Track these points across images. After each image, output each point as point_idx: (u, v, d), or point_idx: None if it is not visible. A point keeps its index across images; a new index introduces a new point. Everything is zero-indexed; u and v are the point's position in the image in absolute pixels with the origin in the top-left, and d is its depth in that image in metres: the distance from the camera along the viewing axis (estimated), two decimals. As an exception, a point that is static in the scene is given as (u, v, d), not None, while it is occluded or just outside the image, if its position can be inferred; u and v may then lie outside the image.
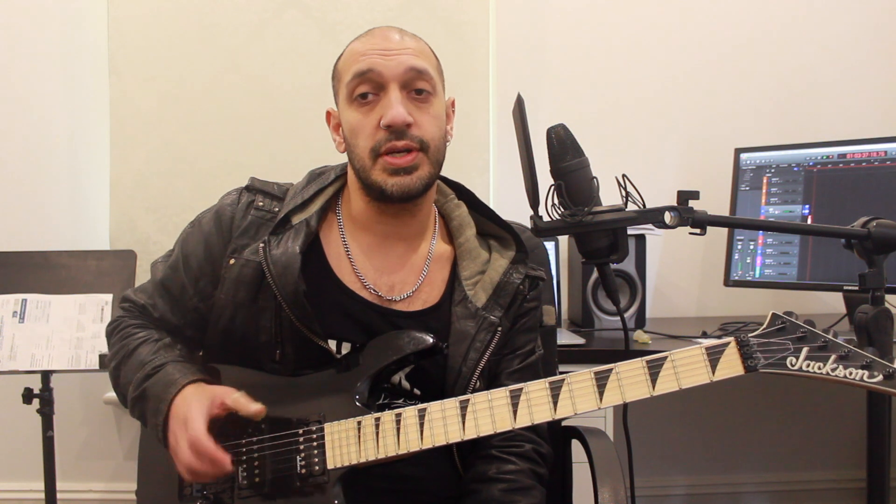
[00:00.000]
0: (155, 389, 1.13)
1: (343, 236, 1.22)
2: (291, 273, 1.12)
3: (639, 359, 1.00)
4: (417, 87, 1.14)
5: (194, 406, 1.08)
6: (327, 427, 1.09)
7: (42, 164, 2.48)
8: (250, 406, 1.08)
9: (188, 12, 2.41)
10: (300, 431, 1.11)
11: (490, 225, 1.28)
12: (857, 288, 1.03)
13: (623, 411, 1.13)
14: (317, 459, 1.09)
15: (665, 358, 0.99)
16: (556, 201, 1.04)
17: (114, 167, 2.41)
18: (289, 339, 1.15)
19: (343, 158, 1.24)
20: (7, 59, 2.46)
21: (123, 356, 1.20)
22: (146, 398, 1.14)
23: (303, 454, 1.09)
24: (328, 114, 1.25)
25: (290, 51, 2.42)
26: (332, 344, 1.16)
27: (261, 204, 1.21)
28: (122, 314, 1.27)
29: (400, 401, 1.16)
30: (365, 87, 1.13)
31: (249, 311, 1.16)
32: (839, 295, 2.09)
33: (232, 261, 1.18)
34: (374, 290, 1.19)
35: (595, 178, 1.05)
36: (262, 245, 1.15)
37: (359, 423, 1.08)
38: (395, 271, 1.21)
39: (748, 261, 2.21)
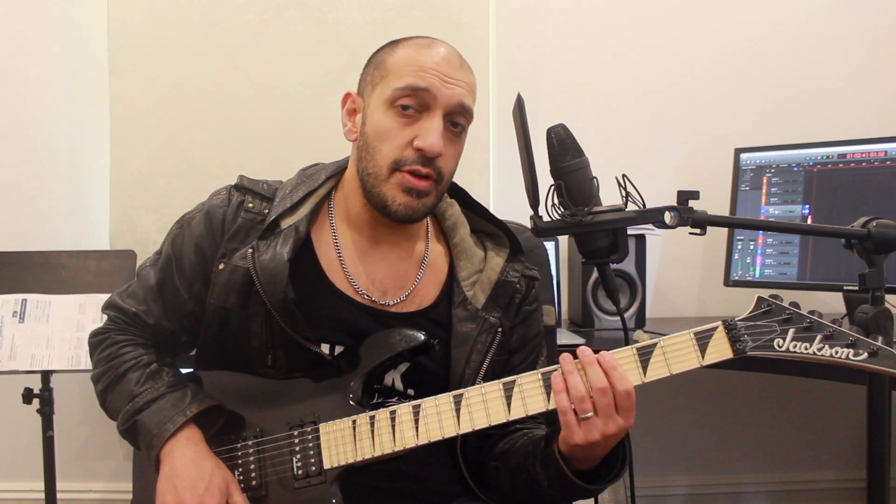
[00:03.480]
0: (147, 425, 1.12)
1: (335, 239, 1.20)
2: (280, 281, 1.11)
3: (628, 346, 1.01)
4: (457, 120, 1.14)
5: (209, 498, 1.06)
6: (322, 427, 1.10)
7: (42, 164, 2.47)
8: None
9: (188, 12, 2.41)
10: (295, 433, 1.11)
11: (483, 223, 1.28)
12: (857, 288, 1.04)
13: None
14: (313, 460, 1.09)
15: (655, 345, 1.00)
16: (556, 201, 1.04)
17: (114, 167, 2.41)
18: (280, 344, 1.14)
19: (341, 145, 1.22)
20: (7, 59, 2.46)
21: (112, 380, 1.18)
22: (137, 431, 1.13)
23: (299, 455, 1.09)
24: (347, 96, 1.21)
25: (290, 51, 2.42)
26: (325, 348, 1.15)
27: (251, 205, 1.18)
28: (109, 326, 1.24)
29: (394, 400, 1.16)
30: (412, 101, 1.11)
31: (240, 317, 1.15)
32: (839, 295, 2.09)
33: (221, 265, 1.16)
34: (367, 295, 1.18)
35: (595, 178, 1.05)
36: (250, 251, 1.13)
37: (354, 422, 1.08)
38: (388, 276, 1.20)
39: (748, 261, 2.21)
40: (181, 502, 1.04)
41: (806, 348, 0.96)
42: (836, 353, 0.95)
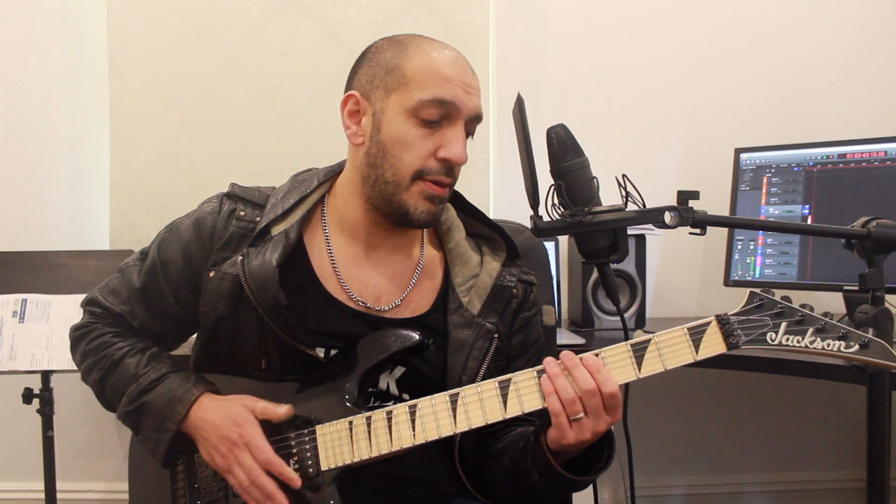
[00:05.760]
0: (156, 405, 1.13)
1: (328, 245, 1.20)
2: (270, 286, 1.10)
3: (623, 343, 1.02)
4: (471, 127, 1.15)
5: (249, 430, 1.08)
6: (319, 429, 1.09)
7: (42, 164, 2.47)
8: (278, 409, 1.09)
9: (188, 12, 2.41)
10: (292, 435, 1.10)
11: (479, 226, 1.27)
12: (857, 288, 1.04)
13: (623, 411, 1.13)
14: (310, 462, 1.08)
15: (649, 341, 1.01)
16: (556, 201, 1.04)
17: (114, 167, 2.41)
18: (273, 349, 1.14)
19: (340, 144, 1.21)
20: (7, 59, 2.46)
21: (108, 367, 1.18)
22: (143, 412, 1.14)
23: (296, 457, 1.09)
24: (348, 97, 1.15)
25: (290, 51, 2.42)
26: (320, 351, 1.15)
27: (242, 214, 1.18)
28: (92, 320, 1.23)
29: (390, 403, 1.16)
30: (437, 113, 1.10)
31: (231, 323, 1.15)
32: (839, 295, 2.09)
33: (212, 273, 1.16)
34: (361, 301, 1.18)
35: (595, 178, 1.05)
36: (240, 258, 1.13)
37: (350, 423, 1.08)
38: (382, 281, 1.20)
39: (748, 261, 2.21)
40: (229, 436, 1.08)
41: (798, 341, 0.97)
42: (828, 345, 0.96)
